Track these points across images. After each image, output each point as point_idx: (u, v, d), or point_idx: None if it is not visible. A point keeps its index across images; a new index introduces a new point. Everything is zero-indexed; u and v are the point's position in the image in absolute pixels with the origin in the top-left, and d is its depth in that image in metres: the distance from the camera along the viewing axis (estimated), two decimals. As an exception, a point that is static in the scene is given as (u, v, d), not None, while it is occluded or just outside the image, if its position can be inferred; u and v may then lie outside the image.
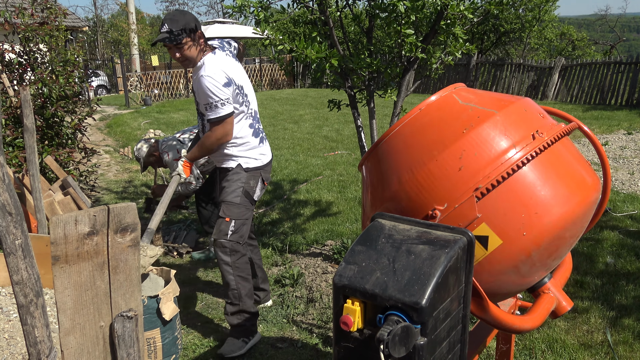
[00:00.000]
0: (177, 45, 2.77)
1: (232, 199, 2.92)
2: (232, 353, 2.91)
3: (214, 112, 2.77)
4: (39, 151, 4.67)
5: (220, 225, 2.91)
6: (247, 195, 2.95)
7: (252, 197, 2.97)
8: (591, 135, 1.83)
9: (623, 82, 12.00)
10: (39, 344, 1.25)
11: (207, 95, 2.74)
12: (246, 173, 2.95)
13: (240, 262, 2.94)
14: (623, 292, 3.47)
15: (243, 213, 2.95)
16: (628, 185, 5.94)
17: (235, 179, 2.94)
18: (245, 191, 2.94)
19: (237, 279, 2.93)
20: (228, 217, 2.90)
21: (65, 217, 1.30)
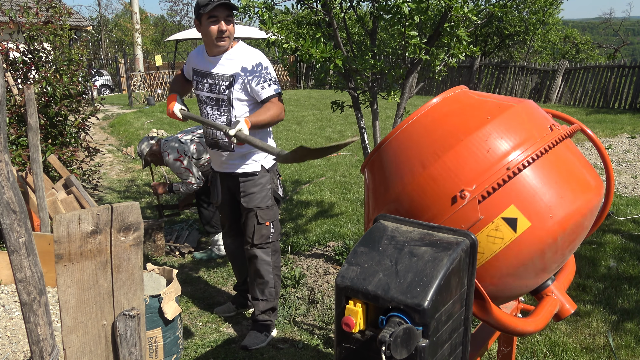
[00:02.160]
0: (228, 17, 2.71)
1: (265, 204, 2.96)
2: (256, 345, 3.02)
3: (272, 87, 2.76)
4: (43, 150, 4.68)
5: (261, 231, 2.96)
6: (274, 194, 3.00)
7: (279, 195, 3.03)
8: (594, 137, 1.83)
9: (627, 85, 11.98)
10: (42, 342, 1.25)
11: (265, 72, 2.75)
12: (269, 173, 2.97)
13: (278, 261, 3.07)
14: (625, 295, 3.46)
15: (276, 212, 3.03)
16: (631, 188, 5.92)
17: (264, 183, 2.95)
18: (273, 191, 2.99)
19: (275, 277, 3.04)
20: (267, 221, 2.96)
21: (68, 216, 1.31)
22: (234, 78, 2.78)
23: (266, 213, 2.96)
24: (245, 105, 2.83)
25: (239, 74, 2.77)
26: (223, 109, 2.85)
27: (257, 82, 2.75)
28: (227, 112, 2.85)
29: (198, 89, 2.93)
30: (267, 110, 2.76)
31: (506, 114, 1.55)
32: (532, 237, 1.44)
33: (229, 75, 2.79)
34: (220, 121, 2.86)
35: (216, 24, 2.68)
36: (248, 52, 2.82)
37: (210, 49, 2.81)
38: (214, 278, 4.03)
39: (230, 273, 4.11)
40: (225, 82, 2.80)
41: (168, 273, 2.98)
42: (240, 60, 2.78)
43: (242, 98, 2.80)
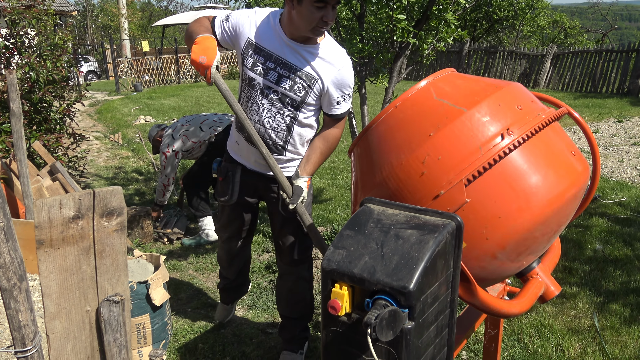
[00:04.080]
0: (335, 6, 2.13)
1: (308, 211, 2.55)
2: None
3: (347, 103, 2.33)
4: (27, 136, 4.62)
5: (304, 243, 2.58)
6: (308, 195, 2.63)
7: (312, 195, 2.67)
8: (581, 121, 1.83)
9: (614, 70, 12.04)
10: (23, 328, 1.24)
11: (351, 85, 2.31)
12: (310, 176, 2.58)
13: (312, 274, 2.72)
14: (611, 278, 3.50)
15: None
16: (617, 172, 5.98)
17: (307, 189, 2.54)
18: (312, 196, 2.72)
19: (312, 293, 2.74)
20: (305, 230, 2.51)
21: (49, 201, 1.29)
22: (318, 81, 2.25)
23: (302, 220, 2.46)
24: (312, 112, 2.36)
25: (326, 76, 2.25)
26: (286, 108, 2.31)
27: (339, 93, 2.28)
28: (290, 113, 2.32)
29: (254, 71, 2.29)
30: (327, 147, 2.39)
31: (494, 97, 1.54)
32: (519, 219, 1.44)
33: (314, 76, 2.25)
34: (275, 122, 2.34)
35: (322, 11, 2.07)
36: (340, 51, 2.30)
37: (297, 32, 2.19)
38: (203, 264, 4.02)
39: (219, 259, 4.10)
40: (305, 82, 2.26)
41: (155, 259, 2.96)
42: (330, 61, 2.25)
43: (313, 104, 2.32)
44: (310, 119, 2.37)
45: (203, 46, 2.14)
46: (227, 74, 18.13)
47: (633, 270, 3.58)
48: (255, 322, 3.17)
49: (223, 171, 2.60)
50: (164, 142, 4.35)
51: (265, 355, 2.84)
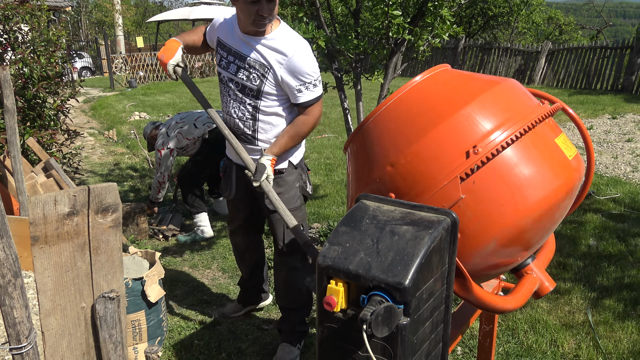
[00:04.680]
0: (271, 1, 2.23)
1: (294, 205, 2.57)
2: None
3: (312, 91, 2.36)
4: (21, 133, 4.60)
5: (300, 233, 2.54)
6: (303, 191, 2.65)
7: (307, 192, 2.67)
8: (575, 117, 1.83)
9: (609, 66, 12.08)
10: (18, 325, 1.24)
11: (309, 72, 2.32)
12: (296, 170, 2.59)
13: (308, 264, 2.69)
14: (604, 273, 3.52)
15: (304, 213, 2.66)
16: (611, 168, 6.00)
17: (292, 182, 2.57)
18: (301, 188, 2.63)
19: (310, 282, 2.72)
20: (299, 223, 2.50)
21: (44, 197, 1.28)
22: (270, 69, 2.34)
23: (296, 215, 2.48)
24: (275, 101, 2.42)
25: (277, 65, 2.33)
26: (247, 98, 2.43)
27: (297, 82, 2.33)
28: (251, 102, 2.43)
29: (221, 67, 2.48)
30: (296, 132, 2.41)
31: (489, 93, 1.55)
32: (514, 215, 1.45)
33: (265, 65, 2.34)
34: (240, 111, 2.47)
35: (256, 5, 2.19)
36: (292, 39, 2.35)
37: (244, 26, 2.35)
38: (198, 261, 4.01)
39: (214, 255, 4.09)
40: (258, 71, 2.36)
41: (151, 256, 2.96)
42: (281, 49, 2.32)
43: (273, 93, 2.39)
44: (275, 108, 2.44)
45: (166, 47, 2.50)
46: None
47: (627, 265, 3.60)
48: (251, 319, 3.17)
49: (224, 168, 2.79)
50: (158, 141, 4.35)
51: (261, 352, 2.84)
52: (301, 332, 2.77)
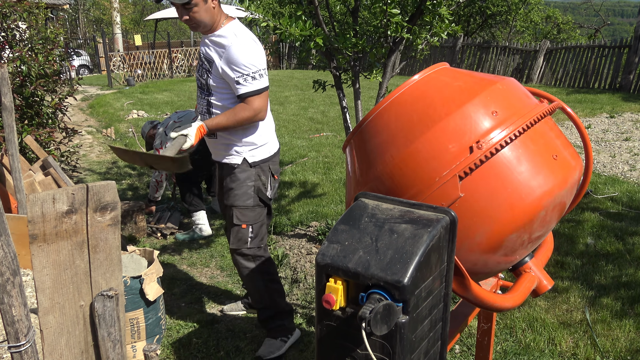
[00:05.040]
0: (186, 5, 2.38)
1: (244, 203, 2.59)
2: (272, 354, 2.73)
3: (251, 83, 2.42)
4: (19, 131, 4.59)
5: (237, 233, 2.63)
6: (259, 193, 2.62)
7: (265, 195, 2.65)
8: (573, 115, 1.83)
9: (607, 65, 12.09)
10: (17, 323, 1.23)
11: (249, 64, 2.39)
12: (253, 169, 2.60)
13: (265, 266, 2.71)
14: (602, 272, 3.53)
15: (258, 214, 2.64)
16: (609, 167, 6.01)
17: (244, 179, 2.59)
18: (257, 189, 2.61)
19: (267, 283, 2.72)
20: (244, 223, 2.61)
21: (42, 195, 1.28)
22: (213, 63, 2.48)
23: (244, 214, 2.59)
24: (223, 95, 2.52)
25: (217, 58, 2.46)
26: (204, 94, 2.58)
27: (235, 73, 2.41)
28: (206, 97, 2.57)
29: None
30: (234, 113, 2.46)
31: (488, 91, 1.55)
32: (512, 214, 1.45)
33: (210, 59, 2.49)
34: (201, 107, 2.62)
35: (178, 11, 2.43)
36: (235, 34, 2.46)
37: None
38: (197, 259, 4.01)
39: (212, 253, 4.10)
40: (205, 65, 2.52)
41: (149, 254, 2.95)
42: (221, 42, 2.46)
43: (219, 87, 2.51)
44: (223, 102, 2.53)
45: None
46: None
47: (624, 264, 3.61)
48: (249, 317, 3.18)
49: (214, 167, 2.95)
50: (156, 140, 4.36)
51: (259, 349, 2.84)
52: (278, 327, 2.80)
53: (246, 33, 2.49)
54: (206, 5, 2.44)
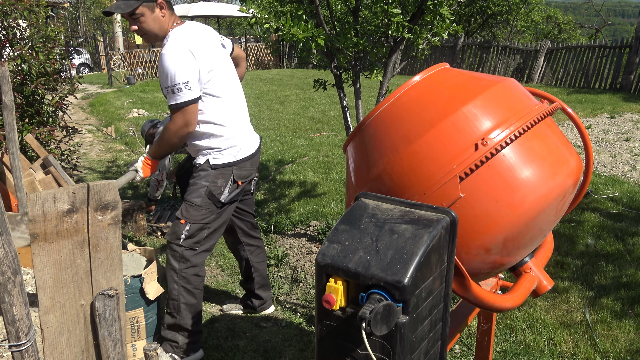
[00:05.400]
0: (132, 16, 2.41)
1: (192, 199, 2.57)
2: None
3: (172, 97, 2.39)
4: (19, 129, 4.59)
5: (174, 226, 2.60)
6: (210, 196, 2.57)
7: (217, 199, 2.58)
8: (574, 116, 1.83)
9: (607, 65, 12.09)
10: (17, 322, 1.24)
11: (167, 77, 2.36)
12: (214, 171, 2.57)
13: (188, 272, 2.60)
14: (602, 272, 3.53)
15: (203, 216, 2.57)
16: (610, 168, 6.01)
17: (201, 177, 2.58)
18: (209, 192, 2.56)
19: (180, 289, 2.61)
20: (184, 219, 2.56)
21: (43, 195, 1.28)
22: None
23: (187, 210, 2.56)
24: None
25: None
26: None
27: (164, 90, 2.42)
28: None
29: None
30: (161, 137, 2.49)
31: (489, 92, 1.55)
32: (513, 214, 1.45)
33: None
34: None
35: (130, 25, 2.48)
36: (165, 45, 2.43)
37: None
38: (197, 258, 4.01)
39: (212, 253, 4.10)
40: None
41: (149, 253, 2.96)
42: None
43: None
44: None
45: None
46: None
47: (624, 265, 3.61)
48: (249, 316, 3.18)
49: None
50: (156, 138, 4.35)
51: (259, 349, 2.85)
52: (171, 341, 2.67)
53: (176, 43, 2.41)
54: (153, 14, 2.44)
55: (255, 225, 3.08)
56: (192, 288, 2.63)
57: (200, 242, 2.61)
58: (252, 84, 14.14)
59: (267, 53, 19.83)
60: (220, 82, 2.54)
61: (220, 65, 2.56)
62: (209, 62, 2.48)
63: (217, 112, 2.54)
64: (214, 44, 2.62)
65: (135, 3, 2.39)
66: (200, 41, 2.49)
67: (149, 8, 2.42)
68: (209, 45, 2.54)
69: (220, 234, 2.73)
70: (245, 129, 2.72)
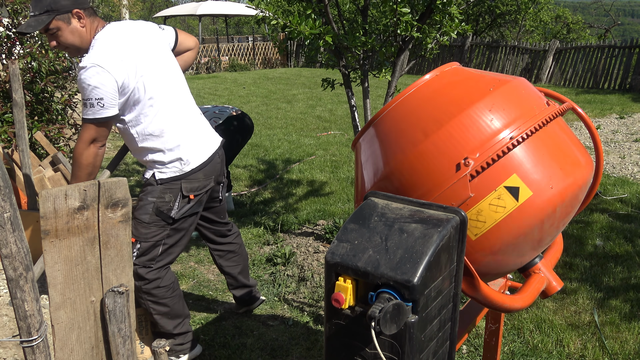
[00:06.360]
0: (48, 32, 2.21)
1: (140, 217, 2.40)
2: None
3: (84, 111, 2.21)
4: (29, 127, 4.62)
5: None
6: (158, 213, 2.40)
7: (166, 215, 2.41)
8: (584, 116, 1.82)
9: (617, 66, 12.01)
10: (29, 318, 1.25)
11: (82, 90, 2.18)
12: (160, 186, 2.39)
13: (148, 288, 2.48)
14: (611, 274, 3.51)
15: (154, 233, 2.42)
16: (619, 169, 5.98)
17: (148, 192, 2.41)
18: (156, 208, 2.39)
19: (148, 303, 2.52)
20: (134, 237, 2.39)
21: (55, 191, 1.29)
22: None
23: (136, 227, 2.39)
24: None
25: None
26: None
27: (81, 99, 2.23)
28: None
29: None
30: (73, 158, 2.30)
31: (499, 91, 1.54)
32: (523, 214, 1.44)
33: None
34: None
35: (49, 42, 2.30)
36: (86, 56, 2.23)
37: None
38: (204, 256, 4.03)
39: (220, 251, 4.11)
40: None
41: (157, 251, 2.96)
42: None
43: None
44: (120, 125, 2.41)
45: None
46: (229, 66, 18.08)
47: (633, 266, 3.59)
48: (256, 315, 3.19)
49: None
50: None
51: (266, 347, 2.85)
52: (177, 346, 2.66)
53: (95, 54, 2.20)
54: (70, 26, 2.24)
55: (225, 233, 2.93)
56: (159, 299, 2.52)
57: (155, 259, 2.47)
58: (259, 82, 14.16)
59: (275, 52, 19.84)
60: (154, 89, 2.31)
61: (154, 69, 2.33)
62: (138, 70, 2.26)
63: (153, 123, 2.34)
64: (147, 44, 2.36)
65: (47, 18, 2.18)
66: (126, 48, 2.26)
67: (64, 21, 2.22)
68: (139, 50, 2.30)
69: (183, 247, 2.58)
70: (192, 137, 2.46)
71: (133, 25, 2.40)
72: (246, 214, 4.75)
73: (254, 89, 13.01)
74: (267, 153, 6.78)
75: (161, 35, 2.49)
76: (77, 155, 2.28)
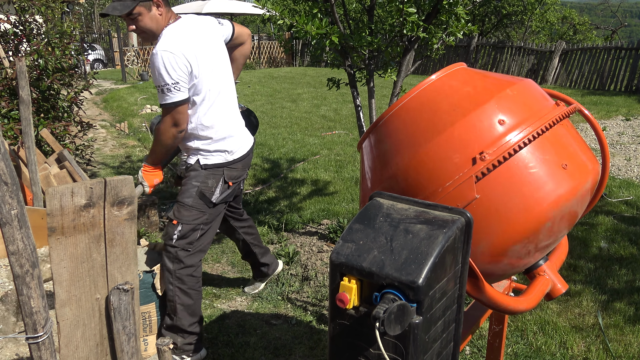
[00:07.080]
0: (129, 16, 2.40)
1: (183, 200, 2.57)
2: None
3: (162, 97, 2.39)
4: (35, 124, 4.64)
5: (168, 227, 2.60)
6: (202, 196, 2.57)
7: (208, 200, 2.58)
8: (591, 118, 1.82)
9: (623, 67, 11.96)
10: (35, 315, 1.25)
11: (157, 77, 2.36)
12: (204, 171, 2.58)
13: (182, 273, 2.60)
14: (616, 276, 3.50)
15: (195, 217, 2.58)
16: (624, 171, 5.95)
17: (192, 177, 2.58)
18: (200, 192, 2.56)
19: (176, 290, 2.60)
20: (176, 219, 2.57)
21: (61, 189, 1.29)
22: None
23: (179, 210, 2.56)
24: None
25: None
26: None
27: (156, 86, 2.41)
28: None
29: None
30: (155, 139, 2.53)
31: (506, 92, 1.54)
32: (528, 216, 1.44)
33: None
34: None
35: (127, 25, 2.48)
36: (158, 43, 2.42)
37: None
38: (208, 254, 4.03)
39: (224, 249, 4.12)
40: None
41: (161, 248, 2.97)
42: None
43: None
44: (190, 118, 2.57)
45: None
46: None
47: (638, 269, 3.58)
48: (259, 313, 3.19)
49: None
50: None
51: (269, 346, 2.86)
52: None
53: (167, 43, 2.38)
54: (150, 13, 2.42)
55: (242, 213, 3.18)
56: (188, 289, 2.62)
57: (193, 243, 2.60)
58: (264, 81, 14.17)
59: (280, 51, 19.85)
60: (210, 83, 2.51)
61: (212, 64, 2.52)
62: (200, 62, 2.44)
63: (207, 115, 2.53)
64: (208, 39, 2.56)
65: (132, 3, 2.37)
66: (192, 40, 2.45)
67: (146, 7, 2.41)
68: (201, 43, 2.49)
69: (214, 234, 2.71)
70: (236, 130, 2.69)
71: (197, 20, 2.60)
72: (250, 212, 4.76)
73: (259, 87, 13.02)
74: (271, 152, 6.78)
75: (220, 30, 2.69)
76: (159, 132, 2.48)
